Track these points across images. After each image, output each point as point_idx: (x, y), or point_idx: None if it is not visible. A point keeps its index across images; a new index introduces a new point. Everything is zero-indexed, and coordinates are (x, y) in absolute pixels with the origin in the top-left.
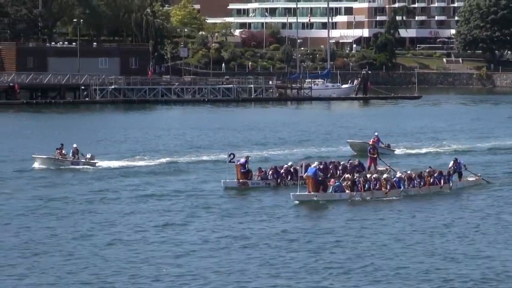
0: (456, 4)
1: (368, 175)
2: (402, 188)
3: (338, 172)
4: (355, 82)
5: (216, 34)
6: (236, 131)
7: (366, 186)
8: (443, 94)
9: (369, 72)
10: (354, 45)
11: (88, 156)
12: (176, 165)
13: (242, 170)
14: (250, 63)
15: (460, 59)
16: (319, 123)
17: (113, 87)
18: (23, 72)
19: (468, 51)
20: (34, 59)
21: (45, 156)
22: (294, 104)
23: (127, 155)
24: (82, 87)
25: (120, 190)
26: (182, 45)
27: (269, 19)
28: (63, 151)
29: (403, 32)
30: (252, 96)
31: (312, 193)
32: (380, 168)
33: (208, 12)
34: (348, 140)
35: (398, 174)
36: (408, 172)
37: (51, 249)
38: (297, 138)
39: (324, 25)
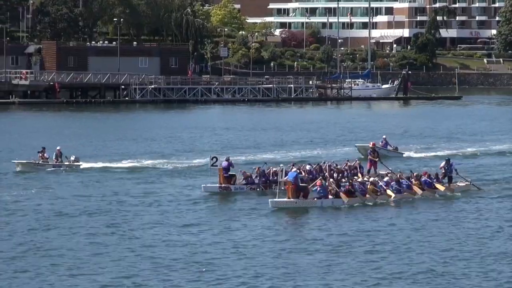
0: (497, 4)
1: (361, 179)
2: (392, 193)
3: (333, 174)
4: (396, 82)
5: (256, 33)
6: (271, 131)
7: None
8: (484, 95)
9: (410, 72)
10: (395, 45)
11: (72, 158)
12: (162, 168)
13: (224, 174)
14: (295, 63)
15: (501, 60)
16: (359, 123)
17: (153, 86)
18: (64, 71)
19: (509, 51)
20: (75, 58)
21: (25, 161)
22: (334, 104)
23: (136, 156)
24: (122, 87)
25: (85, 194)
26: (222, 45)
27: (309, 19)
28: (45, 155)
29: (444, 33)
30: (292, 96)
31: (292, 199)
32: (382, 172)
33: (248, 11)
34: (356, 144)
35: (386, 179)
36: (397, 175)
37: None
38: (335, 138)
39: (364, 25)
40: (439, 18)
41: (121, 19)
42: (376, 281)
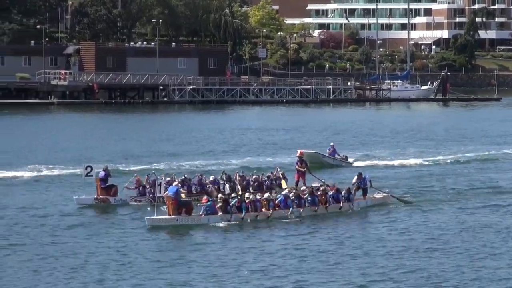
0: None
1: (285, 191)
2: (291, 208)
3: (249, 186)
4: (435, 83)
5: (295, 34)
6: (302, 132)
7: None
8: None
9: (449, 73)
10: (434, 47)
11: None
12: (54, 176)
13: (102, 186)
14: (347, 64)
15: None
16: (397, 124)
17: (191, 87)
18: (102, 72)
19: None
20: (113, 59)
21: None
22: (373, 105)
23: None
24: (161, 87)
25: None
26: (260, 46)
27: (348, 20)
28: None
29: (483, 34)
30: (331, 97)
31: (173, 216)
32: (315, 184)
33: (287, 12)
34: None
35: (284, 192)
36: (303, 188)
37: None
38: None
39: (403, 26)
40: (478, 19)
41: (160, 20)
42: None
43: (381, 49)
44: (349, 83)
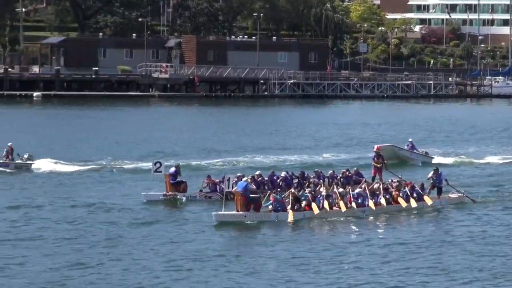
0: None
1: (358, 189)
2: (366, 204)
3: (322, 182)
4: None
5: (396, 29)
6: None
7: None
8: None
9: None
10: None
11: (26, 156)
12: (118, 170)
13: (171, 181)
14: (450, 60)
15: None
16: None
17: (292, 81)
18: (203, 65)
19: None
20: (214, 52)
21: None
22: (473, 101)
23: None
24: (261, 81)
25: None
26: (361, 41)
27: (450, 16)
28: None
29: None
30: (431, 93)
31: (241, 212)
32: (394, 179)
33: (388, 7)
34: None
35: (357, 190)
36: (376, 185)
37: None
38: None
39: (505, 22)
40: None
41: (261, 14)
42: None
43: (482, 45)
44: (450, 79)
